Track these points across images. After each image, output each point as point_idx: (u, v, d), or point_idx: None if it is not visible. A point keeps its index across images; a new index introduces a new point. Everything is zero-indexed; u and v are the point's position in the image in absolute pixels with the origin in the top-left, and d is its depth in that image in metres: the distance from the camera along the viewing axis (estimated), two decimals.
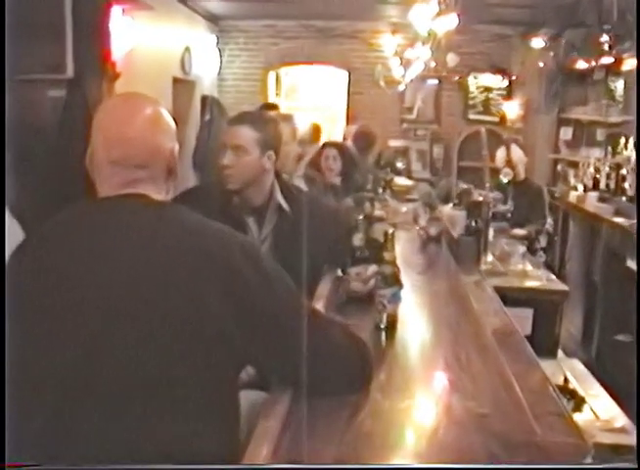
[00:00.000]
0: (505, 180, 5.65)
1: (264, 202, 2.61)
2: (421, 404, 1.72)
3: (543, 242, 6.24)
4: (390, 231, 2.26)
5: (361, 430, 1.54)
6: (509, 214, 4.43)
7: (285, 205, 2.63)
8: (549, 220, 6.02)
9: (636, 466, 1.26)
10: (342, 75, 9.75)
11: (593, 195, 5.97)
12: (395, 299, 2.17)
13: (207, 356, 1.47)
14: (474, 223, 3.47)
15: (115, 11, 5.40)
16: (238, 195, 2.58)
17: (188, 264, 1.49)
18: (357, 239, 2.45)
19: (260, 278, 1.55)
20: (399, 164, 8.51)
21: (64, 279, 1.49)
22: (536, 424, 1.52)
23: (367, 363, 1.75)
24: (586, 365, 3.40)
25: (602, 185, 6.15)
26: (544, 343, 3.17)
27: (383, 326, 2.14)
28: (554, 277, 3.62)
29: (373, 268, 2.38)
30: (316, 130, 6.39)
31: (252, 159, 2.53)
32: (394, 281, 2.17)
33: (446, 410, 1.65)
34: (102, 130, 1.61)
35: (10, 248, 1.67)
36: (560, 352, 3.46)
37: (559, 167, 7.91)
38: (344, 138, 6.53)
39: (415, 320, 2.40)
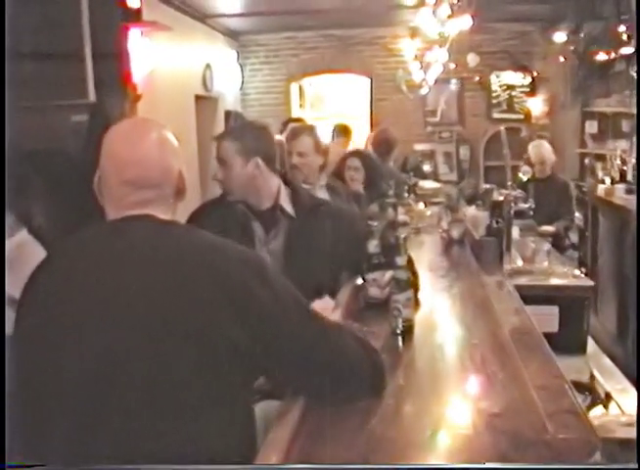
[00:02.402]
0: (524, 178, 5.62)
1: (270, 206, 2.70)
2: (436, 407, 1.72)
3: (574, 238, 6.20)
4: (403, 236, 2.27)
5: (375, 435, 1.55)
6: (531, 212, 4.40)
7: (290, 210, 2.70)
8: (577, 215, 5.96)
9: (636, 466, 1.26)
10: (365, 82, 9.78)
11: (620, 187, 5.89)
12: (410, 303, 2.18)
13: (219, 369, 1.50)
14: (495, 223, 3.46)
15: (134, 33, 5.49)
16: (241, 203, 2.69)
17: (197, 282, 1.52)
18: (372, 245, 2.45)
19: (268, 291, 1.58)
20: (426, 168, 8.51)
21: (78, 297, 1.54)
22: (549, 422, 1.52)
23: (379, 371, 1.76)
24: (622, 360, 3.35)
25: (629, 177, 6.07)
26: (572, 340, 3.13)
27: (399, 332, 2.15)
28: (579, 273, 3.58)
29: (390, 274, 2.38)
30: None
31: (236, 169, 2.63)
32: (408, 286, 2.18)
33: (461, 412, 1.67)
34: (112, 153, 1.66)
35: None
36: (595, 348, 3.41)
37: (586, 161, 7.84)
38: (367, 144, 6.53)
39: (434, 324, 2.41)
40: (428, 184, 6.83)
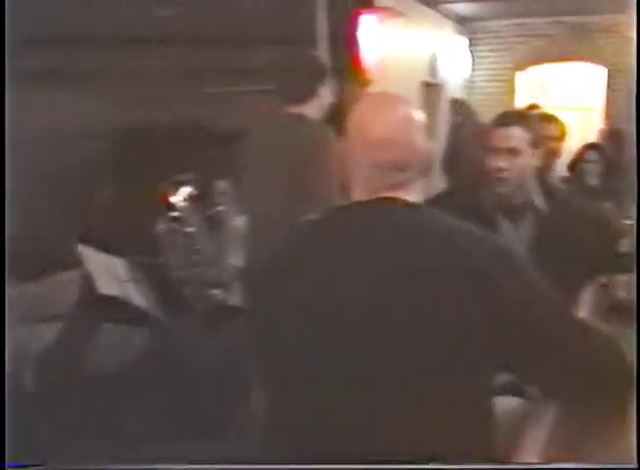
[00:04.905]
0: None
1: (523, 201, 2.53)
2: None
3: None
4: None
5: None
6: None
7: (543, 205, 2.53)
8: None
9: (636, 466, 1.20)
10: (598, 72, 9.29)
11: None
12: None
13: (459, 360, 1.44)
14: None
15: (367, 19, 5.54)
16: (505, 197, 2.52)
17: (442, 267, 1.47)
18: (625, 245, 2.30)
19: (515, 281, 1.49)
20: None
21: (317, 279, 1.54)
22: None
23: (628, 378, 1.62)
24: None
25: None
26: None
27: None
28: None
29: None
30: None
31: (525, 159, 2.47)
32: None
33: None
34: (361, 132, 1.60)
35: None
36: None
37: None
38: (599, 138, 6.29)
39: None
40: None
